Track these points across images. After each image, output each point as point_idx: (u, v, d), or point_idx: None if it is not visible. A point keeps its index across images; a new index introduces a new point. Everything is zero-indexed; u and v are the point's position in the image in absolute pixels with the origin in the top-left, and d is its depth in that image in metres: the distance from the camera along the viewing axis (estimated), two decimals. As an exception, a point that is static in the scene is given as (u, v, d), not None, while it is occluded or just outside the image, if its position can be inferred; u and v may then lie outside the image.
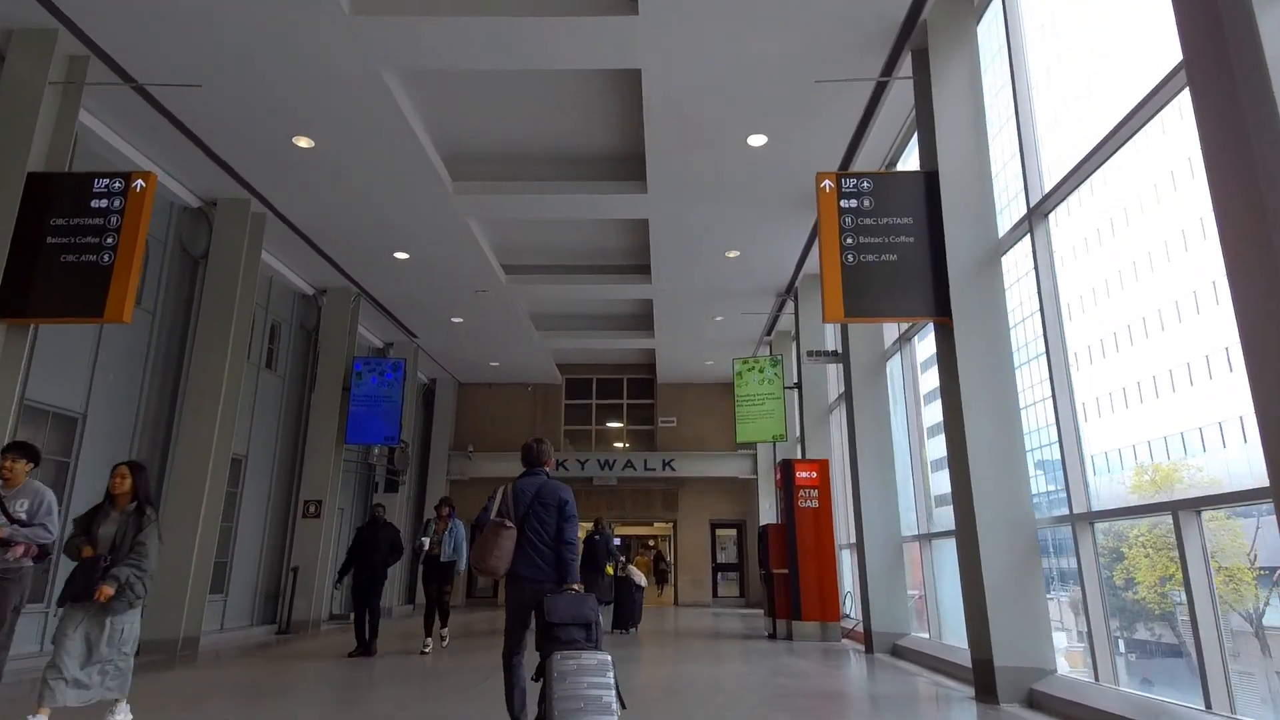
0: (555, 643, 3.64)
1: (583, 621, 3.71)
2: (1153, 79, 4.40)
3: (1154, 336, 4.78)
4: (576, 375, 19.30)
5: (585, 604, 3.78)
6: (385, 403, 12.30)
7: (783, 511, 10.06)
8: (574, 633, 3.68)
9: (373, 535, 8.25)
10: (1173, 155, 4.48)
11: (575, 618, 3.71)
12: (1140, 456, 5.02)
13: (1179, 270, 4.47)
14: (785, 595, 9.68)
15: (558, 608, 3.72)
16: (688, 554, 18.22)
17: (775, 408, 12.07)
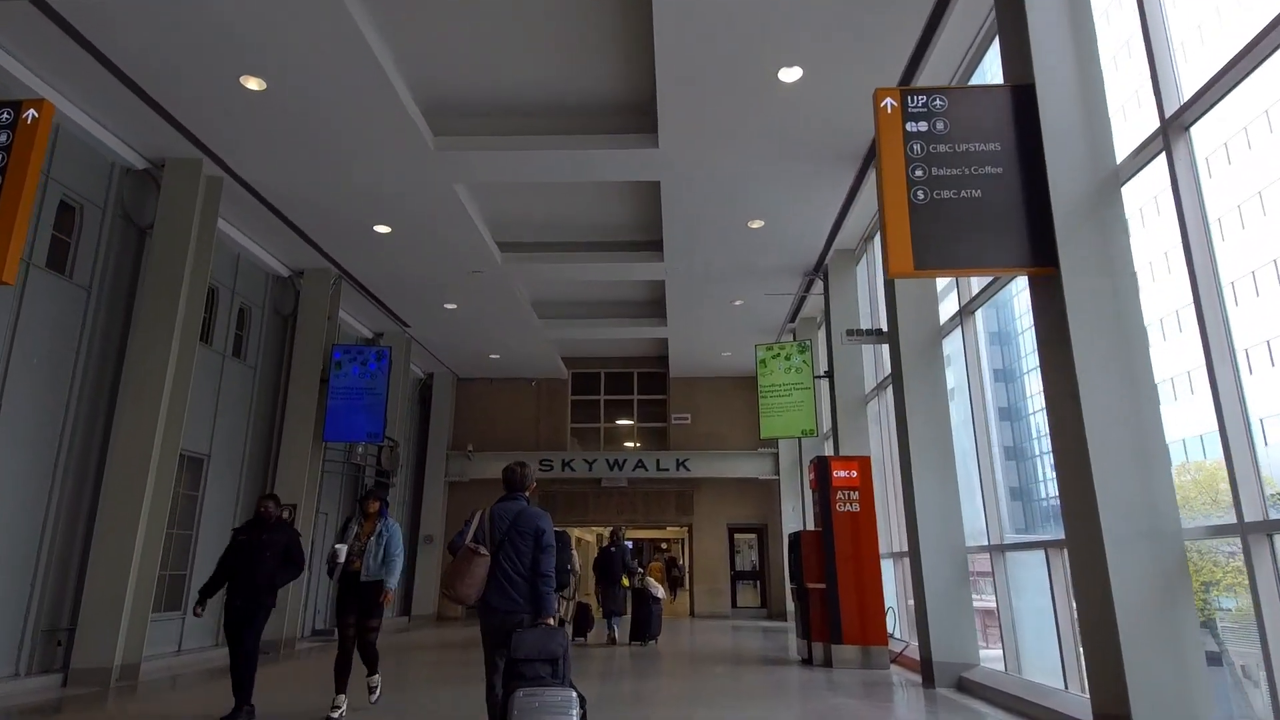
0: (520, 679, 3.49)
1: (549, 657, 3.57)
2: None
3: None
4: (583, 369, 18.01)
5: (554, 639, 3.63)
6: (368, 396, 11.05)
7: (817, 516, 8.71)
8: (540, 669, 3.54)
9: (254, 540, 5.35)
10: None
11: (542, 653, 3.57)
12: None
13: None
14: (822, 614, 8.32)
15: (524, 643, 3.59)
16: (704, 561, 16.87)
17: (804, 399, 10.72)
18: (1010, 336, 10.90)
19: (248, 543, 5.39)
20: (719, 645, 10.62)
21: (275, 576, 5.37)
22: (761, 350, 11.16)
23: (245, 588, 5.27)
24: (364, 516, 5.84)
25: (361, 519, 5.83)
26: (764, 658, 9.07)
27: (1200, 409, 4.30)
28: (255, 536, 5.42)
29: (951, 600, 6.94)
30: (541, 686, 3.48)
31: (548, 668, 3.56)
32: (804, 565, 8.62)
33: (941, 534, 7.07)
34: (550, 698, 3.43)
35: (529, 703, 3.40)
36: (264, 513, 5.54)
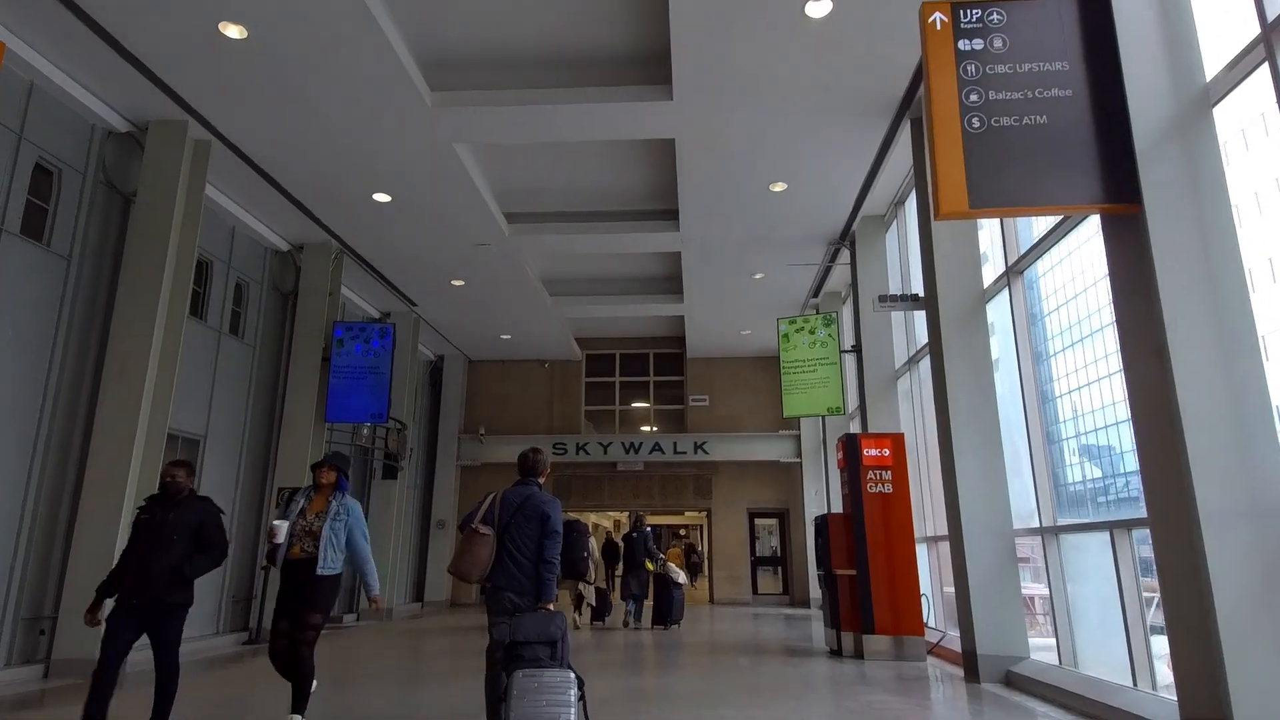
0: (519, 660, 3.59)
1: (548, 640, 3.66)
2: None
3: None
4: (597, 350, 17.47)
5: (552, 623, 3.72)
6: (371, 375, 10.58)
7: (846, 499, 8.12)
8: (539, 651, 3.62)
9: (157, 521, 4.12)
10: None
11: (541, 636, 3.65)
12: None
13: None
14: (852, 602, 7.75)
15: (523, 626, 3.68)
16: (723, 546, 16.34)
17: (830, 375, 10.09)
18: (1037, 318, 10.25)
19: (149, 524, 4.10)
20: (741, 634, 10.10)
21: (184, 567, 4.04)
22: (784, 324, 10.53)
23: (141, 583, 3.95)
24: (315, 489, 4.67)
25: (311, 492, 4.65)
26: (789, 648, 8.52)
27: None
28: (159, 515, 4.13)
29: (998, 588, 6.33)
30: (540, 668, 3.57)
31: (546, 650, 3.65)
32: (832, 550, 8.04)
33: (986, 516, 6.45)
34: (549, 678, 3.52)
35: (528, 683, 3.49)
36: (171, 483, 4.20)
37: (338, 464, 4.66)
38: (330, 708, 5.41)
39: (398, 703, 5.50)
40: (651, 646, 8.88)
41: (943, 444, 6.85)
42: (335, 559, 4.47)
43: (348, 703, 5.55)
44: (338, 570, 4.50)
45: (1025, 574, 6.77)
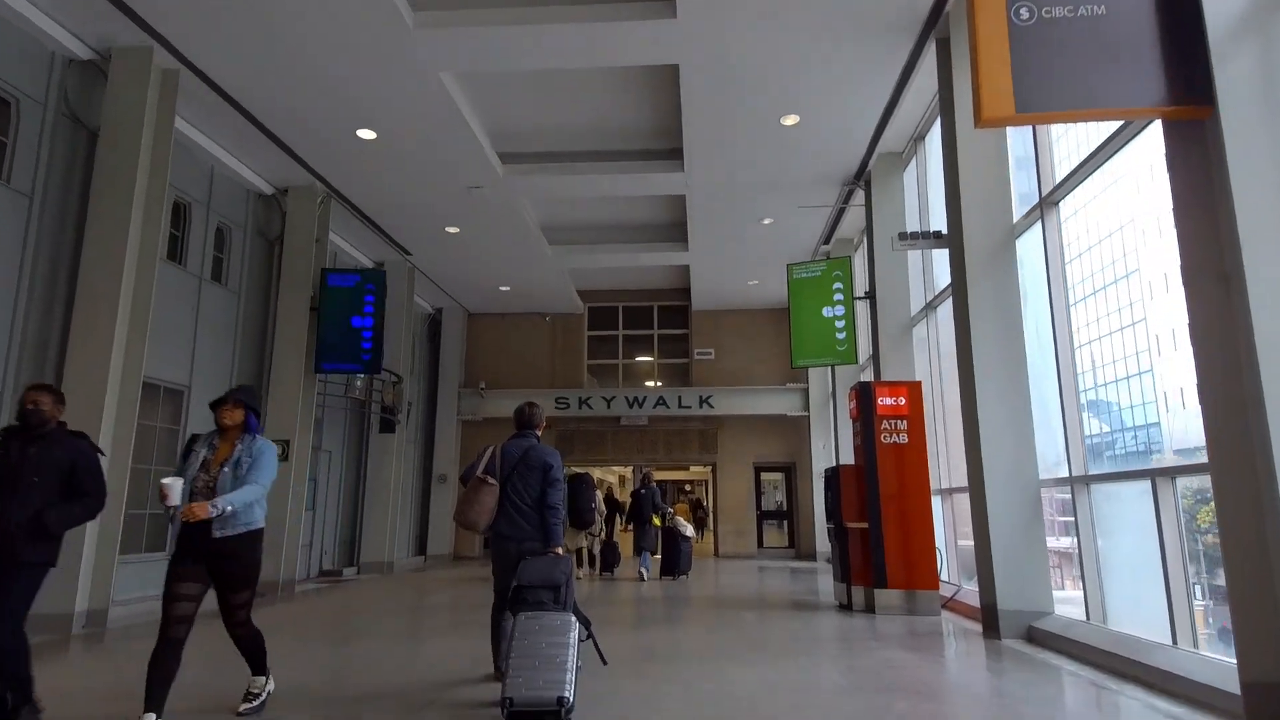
0: (523, 604, 3.69)
1: (551, 584, 3.76)
2: None
3: None
4: (600, 303, 17.00)
5: (557, 567, 3.83)
6: (362, 325, 10.16)
7: (858, 450, 7.74)
8: (542, 595, 3.72)
9: (19, 458, 3.39)
10: None
11: (545, 580, 3.76)
12: None
13: None
14: (864, 556, 7.43)
15: (529, 571, 3.79)
16: (729, 500, 16.11)
17: (842, 323, 9.62)
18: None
19: (2, 461, 3.34)
20: (747, 587, 9.86)
21: (46, 516, 3.31)
22: (794, 270, 10.03)
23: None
24: (219, 434, 3.67)
25: (215, 438, 3.66)
26: (797, 602, 8.26)
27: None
28: (16, 452, 3.36)
29: (1022, 540, 5.97)
30: (543, 611, 3.67)
31: (550, 594, 3.75)
32: (843, 503, 7.70)
33: (1012, 465, 6.06)
34: (550, 621, 3.61)
35: (530, 625, 3.58)
36: (32, 412, 3.40)
37: (244, 399, 3.68)
38: (333, 662, 5.15)
39: (404, 655, 5.23)
40: (658, 600, 8.64)
41: (965, 390, 6.43)
42: (242, 515, 3.51)
43: (350, 658, 5.28)
44: (253, 525, 3.57)
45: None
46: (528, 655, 3.45)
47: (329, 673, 4.79)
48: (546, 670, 3.40)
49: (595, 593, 9.37)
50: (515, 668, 3.41)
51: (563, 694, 3.34)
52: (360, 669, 4.85)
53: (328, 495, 12.10)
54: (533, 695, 3.33)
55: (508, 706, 3.32)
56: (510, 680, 3.38)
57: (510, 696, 3.33)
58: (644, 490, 11.31)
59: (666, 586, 9.98)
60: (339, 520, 12.41)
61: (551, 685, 3.35)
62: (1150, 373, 5.27)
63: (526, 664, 3.41)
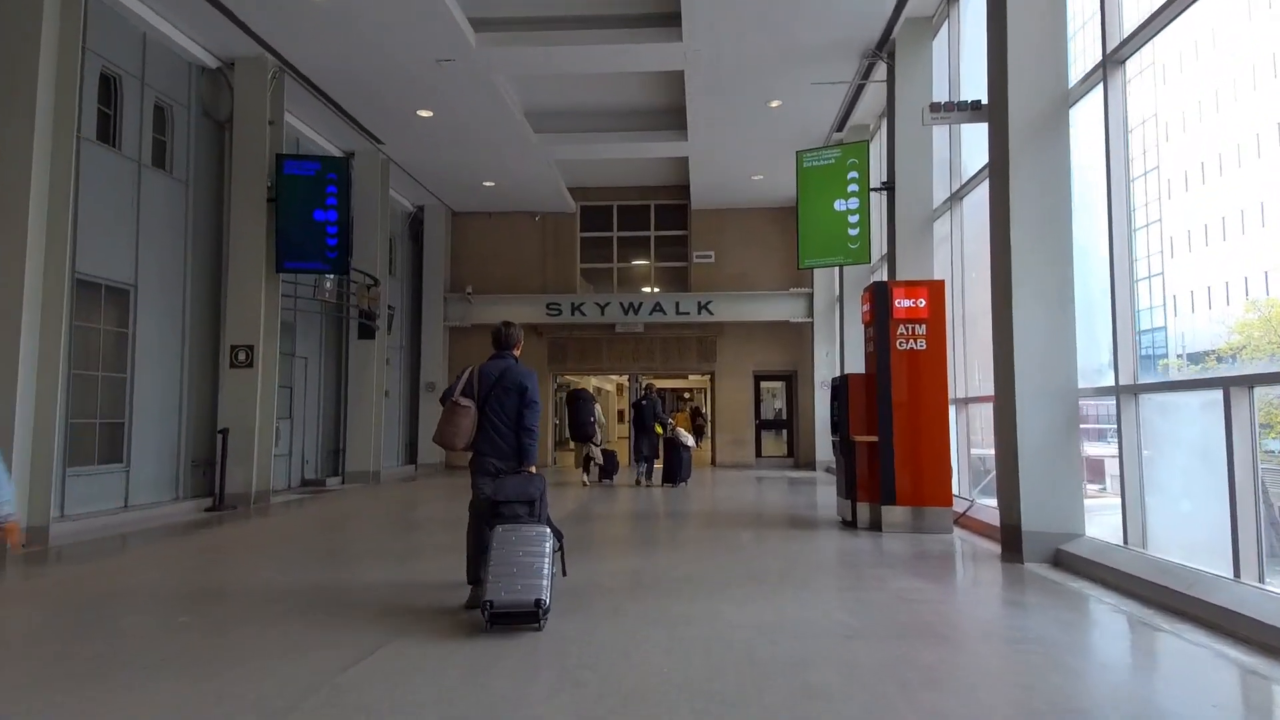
0: (500, 518, 3.85)
1: (527, 499, 3.91)
2: None
3: None
4: (593, 201, 15.89)
5: (531, 484, 3.99)
6: (326, 218, 9.22)
7: (871, 356, 7.01)
8: (518, 509, 3.88)
9: None
10: None
11: (520, 495, 3.91)
12: None
13: None
14: (872, 472, 6.85)
15: (505, 487, 3.95)
16: (727, 410, 15.60)
17: (855, 216, 8.68)
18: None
19: None
20: (744, 501, 9.40)
21: None
22: (804, 158, 8.97)
23: None
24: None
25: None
26: (797, 519, 7.77)
27: None
28: None
29: (1055, 456, 5.33)
30: (519, 523, 3.81)
31: (525, 508, 3.89)
32: (851, 415, 7.05)
33: (1048, 373, 5.35)
34: (526, 532, 3.76)
35: (508, 536, 3.74)
36: None
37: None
38: (325, 576, 4.63)
39: (393, 570, 4.70)
40: (652, 514, 8.18)
41: (999, 285, 5.63)
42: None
43: (341, 573, 4.75)
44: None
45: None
46: (506, 564, 3.60)
47: (302, 583, 4.26)
48: (524, 576, 3.58)
49: (594, 501, 8.93)
50: (495, 575, 3.57)
51: (540, 596, 3.55)
52: (335, 583, 4.32)
53: (306, 404, 11.51)
54: (512, 598, 3.52)
55: (488, 609, 3.52)
56: (490, 585, 3.55)
57: (490, 599, 3.52)
58: (645, 401, 11.71)
59: (664, 497, 9.61)
60: (321, 429, 11.89)
61: (530, 589, 3.54)
62: (1161, 275, 5.02)
63: (505, 571, 3.58)
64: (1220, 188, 4.88)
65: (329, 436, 12.08)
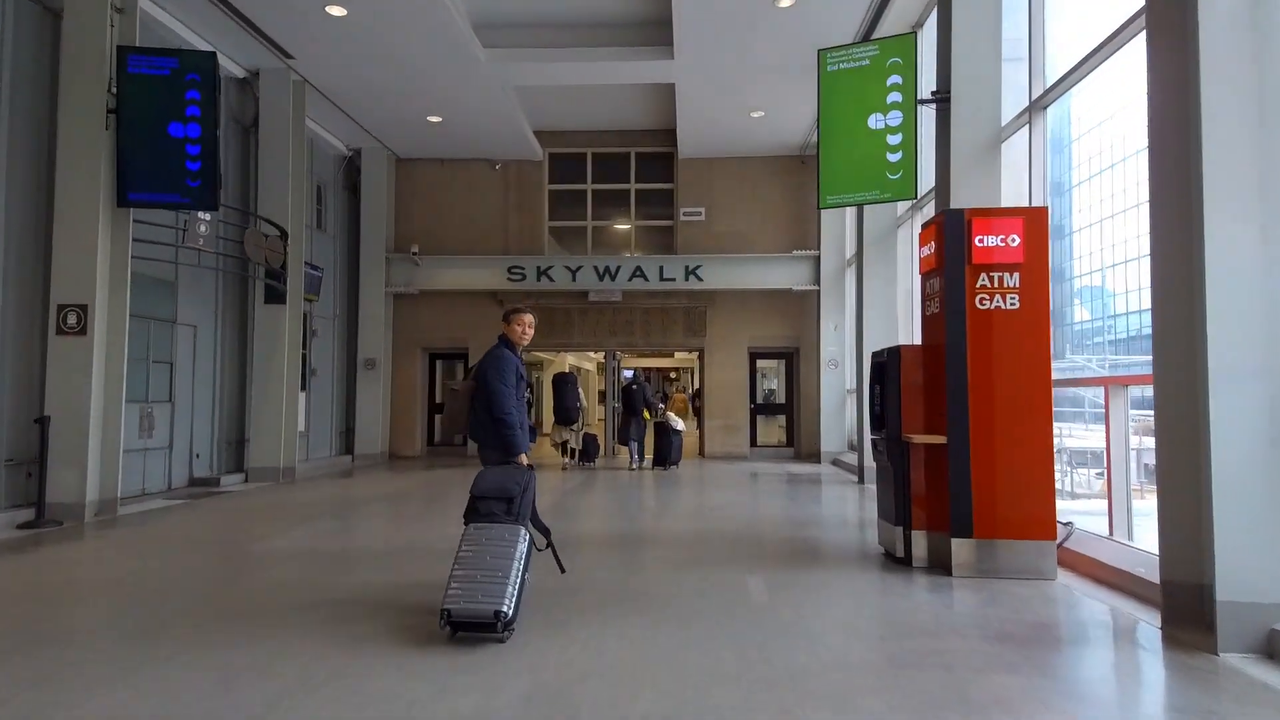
0: (475, 514, 3.64)
1: (504, 496, 3.65)
2: None
3: None
4: (564, 148, 13.57)
5: (510, 478, 3.71)
6: (183, 133, 6.88)
7: (934, 320, 4.87)
8: (493, 506, 3.63)
9: None
10: None
11: (497, 491, 3.66)
12: None
13: None
14: (935, 487, 4.73)
15: (482, 481, 3.71)
16: (719, 392, 13.47)
17: (897, 138, 6.46)
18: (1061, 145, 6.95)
19: None
20: (741, 512, 7.28)
21: None
22: (829, 57, 6.72)
23: None
24: None
25: None
26: (819, 546, 5.65)
27: None
28: None
29: (1274, 479, 3.21)
30: (493, 522, 3.57)
31: (502, 505, 3.64)
32: (904, 404, 4.91)
33: (1265, 344, 3.20)
34: (498, 533, 3.52)
35: (477, 535, 3.52)
36: None
37: None
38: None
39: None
40: (622, 539, 6.03)
41: (1168, 205, 3.47)
42: None
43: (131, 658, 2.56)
44: None
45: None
46: (471, 567, 3.39)
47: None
48: (487, 583, 3.33)
49: (574, 490, 6.81)
50: (456, 579, 3.36)
51: (500, 608, 3.27)
52: None
53: (196, 384, 9.23)
54: (470, 608, 3.28)
55: (444, 619, 3.29)
56: (450, 591, 3.33)
57: (448, 608, 3.29)
58: (635, 387, 11.71)
59: (642, 502, 7.47)
60: (219, 416, 9.61)
61: (490, 599, 3.28)
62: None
63: (468, 576, 3.36)
64: None
65: (230, 425, 9.81)
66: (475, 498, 3.63)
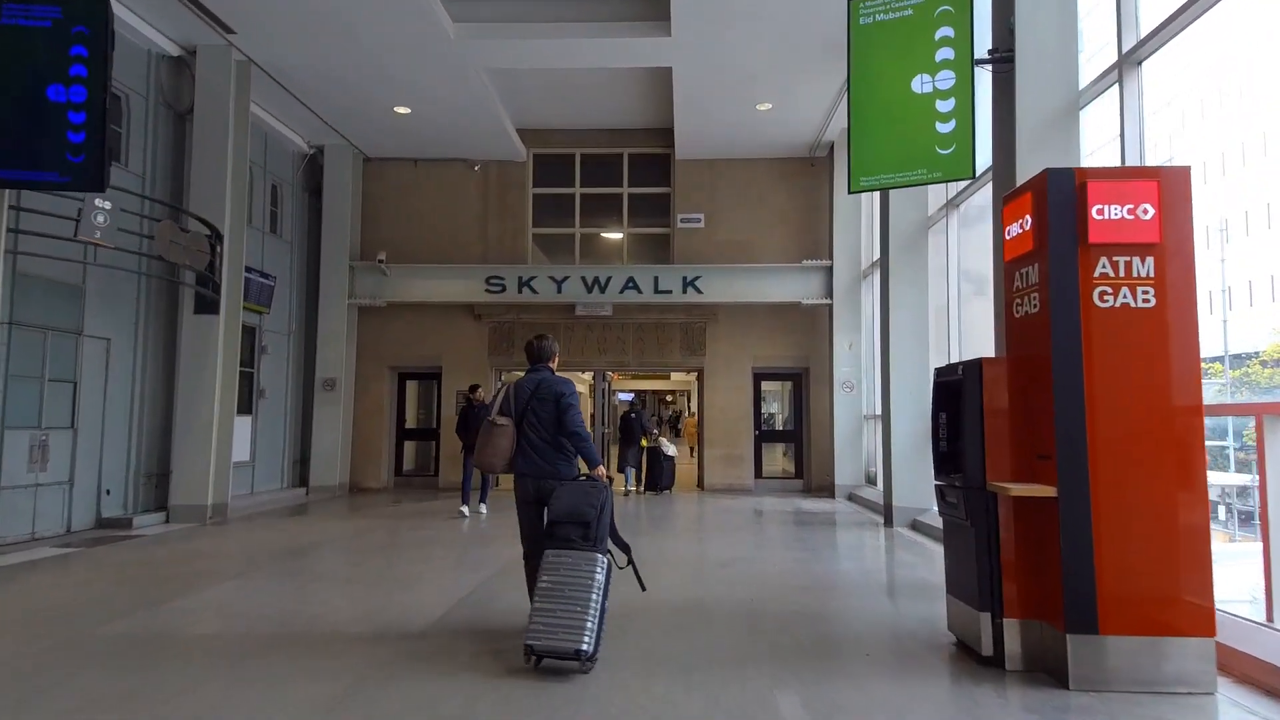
0: (552, 539, 3.62)
1: (580, 520, 3.61)
2: None
3: None
4: (549, 148, 12.35)
5: (586, 499, 3.67)
6: (64, 97, 5.57)
7: (1031, 325, 3.54)
8: (570, 531, 3.61)
9: None
10: None
11: (573, 516, 3.62)
12: None
13: None
14: (1041, 559, 3.36)
15: (558, 505, 3.68)
16: (720, 417, 12.10)
17: (949, 106, 5.18)
18: None
19: None
20: (749, 570, 5.88)
21: None
22: (863, 6, 5.44)
23: None
24: None
25: None
26: (867, 633, 4.26)
27: None
28: None
29: None
30: (570, 549, 3.53)
31: (579, 530, 3.59)
32: (988, 440, 3.55)
33: None
34: (574, 560, 3.49)
35: (556, 564, 3.50)
36: None
37: None
38: None
39: None
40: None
41: None
42: None
43: None
44: None
45: None
46: (550, 599, 3.39)
47: None
48: (567, 618, 3.33)
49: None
50: (538, 611, 3.38)
51: (580, 646, 3.29)
52: None
53: (108, 407, 7.84)
54: (553, 645, 3.31)
55: (529, 654, 3.35)
56: (532, 627, 3.36)
57: (531, 644, 3.33)
58: (634, 415, 11.61)
59: (646, 525, 6.07)
60: (135, 444, 8.21)
61: (570, 636, 3.29)
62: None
63: (548, 609, 3.36)
64: None
65: (150, 455, 8.39)
66: (553, 523, 3.62)
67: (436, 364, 12.00)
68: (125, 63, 8.01)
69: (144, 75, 8.33)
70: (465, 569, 5.86)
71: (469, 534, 7.63)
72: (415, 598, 4.81)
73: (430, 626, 4.15)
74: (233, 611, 4.52)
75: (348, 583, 5.41)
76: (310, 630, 4.10)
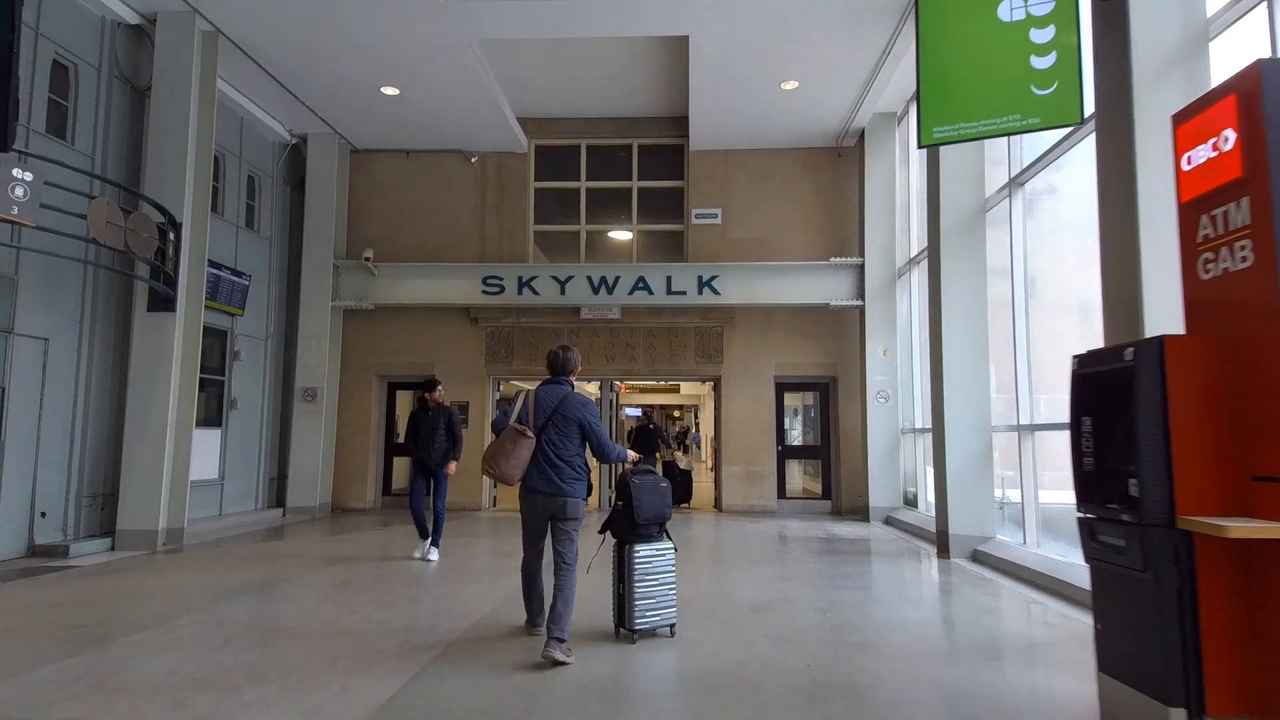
0: (638, 538, 4.05)
1: (660, 521, 4.11)
2: None
3: None
4: (553, 139, 11.39)
5: (665, 502, 4.11)
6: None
7: (1240, 282, 2.46)
8: (652, 530, 4.10)
9: None
10: None
11: (659, 519, 4.09)
12: None
13: None
14: (1267, 631, 2.26)
15: (644, 507, 4.03)
16: (739, 431, 11.00)
17: (1047, 35, 4.16)
18: None
19: None
20: (802, 631, 4.76)
21: None
22: (934, -81, 4.47)
23: None
24: None
25: None
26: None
27: None
28: None
29: None
30: (651, 542, 4.09)
31: (657, 526, 4.11)
32: (1176, 454, 2.46)
33: None
34: (660, 553, 4.10)
35: (646, 566, 4.03)
36: None
37: None
38: None
39: None
40: (621, 673, 3.53)
41: None
42: None
43: None
44: None
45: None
46: (648, 585, 4.01)
47: None
48: (659, 604, 4.05)
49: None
50: (640, 597, 3.98)
51: (673, 622, 4.10)
52: None
53: (43, 416, 6.81)
54: (653, 623, 4.03)
55: (632, 635, 3.99)
56: (635, 613, 3.98)
57: (637, 629, 3.98)
58: (651, 427, 12.01)
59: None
60: (77, 460, 7.17)
61: (665, 616, 4.09)
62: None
63: (648, 594, 4.01)
64: None
65: (96, 473, 7.35)
66: (639, 524, 4.01)
67: (428, 372, 10.96)
68: (76, 30, 7.11)
69: (96, 44, 7.40)
70: (444, 618, 4.76)
71: (449, 566, 6.53)
72: (376, 674, 3.71)
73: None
74: (107, 688, 3.41)
75: (291, 637, 4.29)
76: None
